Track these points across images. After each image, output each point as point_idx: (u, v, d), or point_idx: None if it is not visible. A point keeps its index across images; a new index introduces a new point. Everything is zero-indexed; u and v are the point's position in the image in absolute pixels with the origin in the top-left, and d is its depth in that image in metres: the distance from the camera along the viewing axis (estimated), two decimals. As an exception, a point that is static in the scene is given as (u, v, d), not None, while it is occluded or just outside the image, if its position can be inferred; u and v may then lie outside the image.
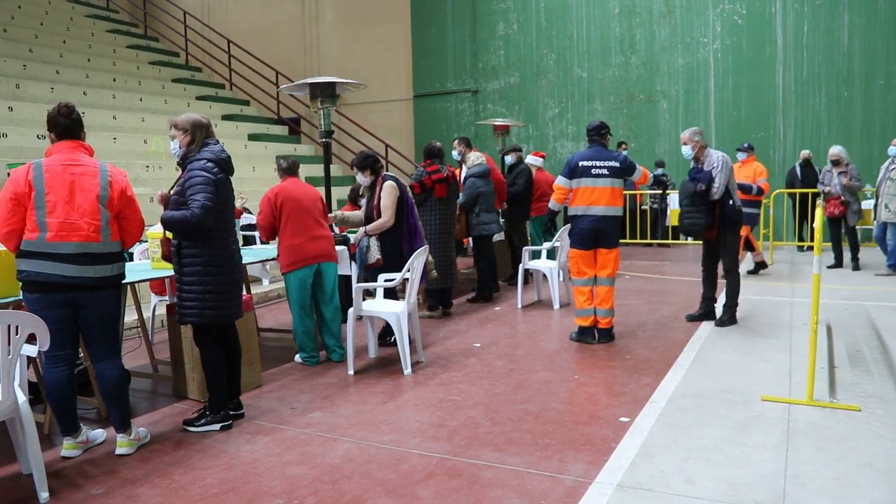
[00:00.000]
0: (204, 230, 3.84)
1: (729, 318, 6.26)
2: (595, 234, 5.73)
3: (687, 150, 6.19)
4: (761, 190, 8.55)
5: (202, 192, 3.79)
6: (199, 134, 3.97)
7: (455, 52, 15.09)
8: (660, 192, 11.88)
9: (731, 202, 6.07)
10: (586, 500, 3.07)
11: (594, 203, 5.67)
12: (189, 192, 3.82)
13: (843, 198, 9.01)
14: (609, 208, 5.70)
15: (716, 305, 6.46)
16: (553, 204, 6.09)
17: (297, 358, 5.52)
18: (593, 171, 5.70)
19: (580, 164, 5.73)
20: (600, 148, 5.85)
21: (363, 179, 5.76)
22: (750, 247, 9.04)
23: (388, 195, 5.61)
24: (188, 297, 3.93)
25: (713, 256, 6.36)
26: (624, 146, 12.50)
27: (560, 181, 5.87)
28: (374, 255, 5.73)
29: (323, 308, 5.52)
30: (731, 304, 6.29)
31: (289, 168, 5.53)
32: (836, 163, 9.04)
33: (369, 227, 5.69)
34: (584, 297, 5.85)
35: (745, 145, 9.08)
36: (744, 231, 8.83)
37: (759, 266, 9.19)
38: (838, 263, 9.36)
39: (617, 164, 5.74)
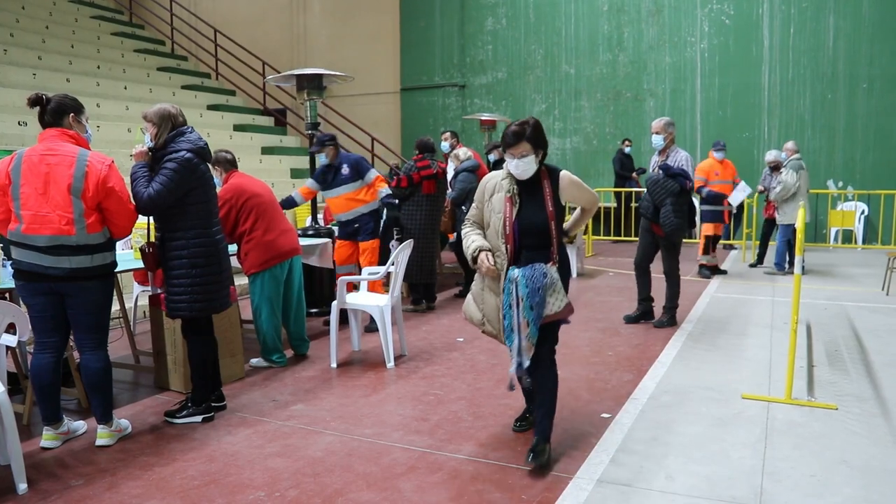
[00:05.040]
0: (148, 211, 3.82)
1: (668, 320, 6.25)
2: None
3: (658, 140, 6.13)
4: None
5: (166, 175, 3.73)
6: (164, 125, 3.86)
7: (443, 46, 15.07)
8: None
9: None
10: (566, 495, 3.09)
11: None
12: (158, 170, 3.77)
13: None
14: None
15: (653, 305, 6.46)
16: None
17: (261, 362, 5.22)
18: None
19: None
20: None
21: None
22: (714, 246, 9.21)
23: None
24: (177, 290, 3.90)
25: (650, 255, 6.35)
26: (628, 143, 12.63)
27: None
28: None
29: (291, 303, 5.37)
30: (672, 306, 6.28)
31: (234, 161, 5.23)
32: (775, 167, 9.29)
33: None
34: None
35: (723, 143, 9.36)
36: (715, 230, 9.07)
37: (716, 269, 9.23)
38: (760, 261, 9.69)
39: None
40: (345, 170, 6.33)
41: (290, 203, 6.39)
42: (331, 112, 13.98)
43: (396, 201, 6.64)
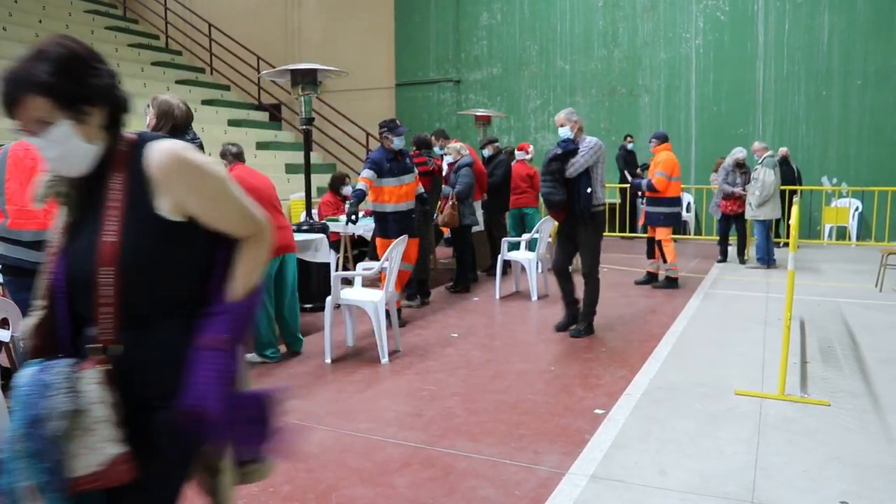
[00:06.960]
0: None
1: (585, 329, 5.81)
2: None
3: (565, 132, 5.76)
4: (651, 186, 7.87)
5: None
6: (163, 122, 3.81)
7: (438, 42, 15.03)
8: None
9: (588, 190, 5.59)
10: (560, 491, 3.09)
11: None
12: None
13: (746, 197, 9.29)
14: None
15: (579, 307, 5.99)
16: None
17: (255, 357, 5.14)
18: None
19: None
20: None
21: None
22: (661, 253, 8.14)
23: None
24: None
25: (568, 253, 5.95)
26: (630, 139, 12.54)
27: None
28: None
29: (284, 300, 5.32)
30: (589, 313, 5.86)
31: (239, 154, 5.21)
32: (741, 165, 9.38)
33: None
34: None
35: (653, 134, 8.40)
36: (660, 234, 8.00)
37: (652, 277, 8.24)
38: (724, 258, 9.84)
39: None
40: (408, 160, 6.33)
41: (362, 196, 6.13)
42: (325, 107, 13.95)
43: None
